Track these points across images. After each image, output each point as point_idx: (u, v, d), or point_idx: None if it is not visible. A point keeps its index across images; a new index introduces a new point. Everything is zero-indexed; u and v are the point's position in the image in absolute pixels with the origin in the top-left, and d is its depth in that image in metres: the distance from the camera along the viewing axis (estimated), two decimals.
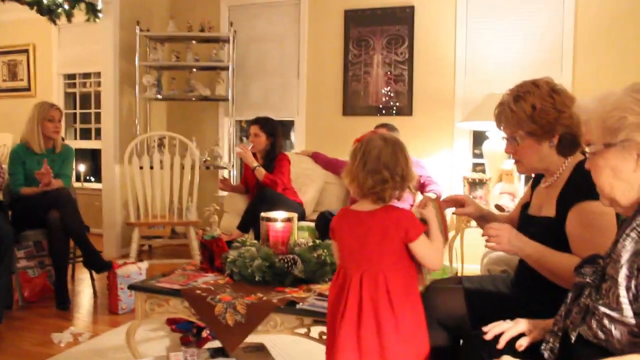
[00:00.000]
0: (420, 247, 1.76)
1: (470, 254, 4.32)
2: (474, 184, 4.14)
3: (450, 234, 4.20)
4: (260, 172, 4.27)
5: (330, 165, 4.79)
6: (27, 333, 3.21)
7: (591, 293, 1.37)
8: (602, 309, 1.31)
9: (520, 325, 1.56)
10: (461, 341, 1.91)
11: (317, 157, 4.89)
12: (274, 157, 4.38)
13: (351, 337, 1.71)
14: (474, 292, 1.97)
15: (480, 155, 4.63)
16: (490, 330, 1.57)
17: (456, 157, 4.89)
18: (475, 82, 4.81)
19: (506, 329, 1.55)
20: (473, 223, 4.08)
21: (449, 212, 3.33)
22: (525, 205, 2.06)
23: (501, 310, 1.75)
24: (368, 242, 1.75)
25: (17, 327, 3.30)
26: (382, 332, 1.69)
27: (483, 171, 4.39)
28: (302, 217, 4.29)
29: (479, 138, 4.84)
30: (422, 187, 4.19)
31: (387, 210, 1.78)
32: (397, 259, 1.75)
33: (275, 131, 4.42)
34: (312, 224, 4.07)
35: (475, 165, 4.92)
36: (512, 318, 1.60)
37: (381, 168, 1.75)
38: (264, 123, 4.42)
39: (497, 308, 1.84)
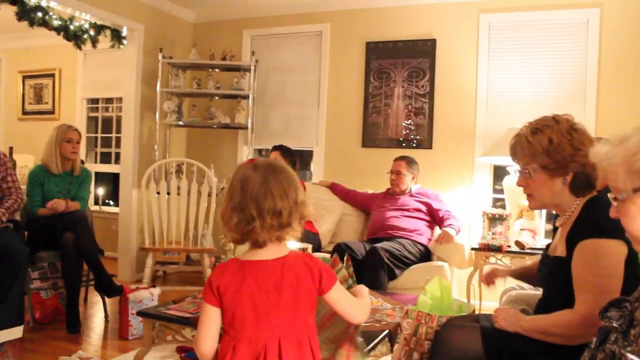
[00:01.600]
0: (338, 295, 1.49)
1: (489, 291, 4.22)
2: (493, 220, 4.07)
3: (467, 270, 4.12)
4: None
5: (348, 196, 4.76)
6: (36, 355, 3.18)
7: (618, 338, 1.30)
8: (631, 356, 1.24)
9: None
10: None
11: (335, 188, 4.86)
12: None
13: None
14: (492, 331, 1.90)
15: (501, 191, 4.57)
16: None
17: (476, 191, 4.83)
18: (496, 117, 4.77)
19: None
20: (492, 259, 4.02)
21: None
22: (549, 245, 2.05)
23: (520, 350, 1.70)
24: (282, 299, 1.42)
25: (26, 348, 3.27)
26: None
27: (503, 207, 4.32)
28: (317, 248, 4.26)
29: (499, 173, 4.78)
30: (441, 221, 4.14)
31: (297, 256, 1.48)
32: (313, 315, 1.47)
33: (295, 159, 4.42)
34: (328, 256, 4.01)
35: (495, 200, 4.85)
36: (528, 359, 1.54)
37: (247, 202, 1.41)
38: (286, 150, 4.44)
39: (516, 348, 1.77)
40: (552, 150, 1.80)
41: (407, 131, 5.07)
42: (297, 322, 1.43)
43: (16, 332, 2.54)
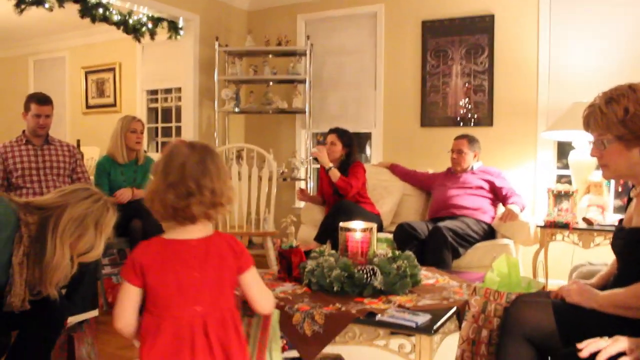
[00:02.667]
0: (252, 279, 1.56)
1: (555, 269, 4.14)
2: (559, 196, 3.97)
3: (533, 248, 4.04)
4: (335, 174, 4.26)
5: (408, 176, 4.73)
6: (111, 337, 3.30)
7: None
8: None
9: (620, 343, 1.46)
10: (549, 358, 1.82)
11: (394, 169, 4.84)
12: (348, 166, 4.37)
13: None
14: (565, 307, 1.85)
15: (566, 167, 4.44)
16: (586, 347, 1.48)
17: (540, 168, 4.70)
18: (559, 90, 4.62)
19: (604, 347, 1.46)
20: (559, 236, 3.92)
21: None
22: (621, 220, 1.99)
23: (594, 327, 1.66)
24: (206, 278, 1.47)
25: (101, 330, 3.40)
26: None
27: (569, 183, 4.20)
28: (379, 228, 4.22)
29: (563, 149, 4.64)
30: (504, 199, 4.07)
31: (220, 236, 1.54)
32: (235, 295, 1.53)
33: (352, 142, 4.42)
34: (390, 236, 4.00)
35: (559, 177, 4.72)
36: (606, 335, 1.50)
37: (185, 179, 1.47)
38: (342, 133, 4.43)
39: (590, 325, 1.72)
40: (628, 120, 1.73)
41: (467, 109, 4.99)
42: (221, 301, 1.48)
43: (92, 313, 2.65)
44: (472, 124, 4.95)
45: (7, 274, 1.91)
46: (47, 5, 4.61)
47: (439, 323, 2.04)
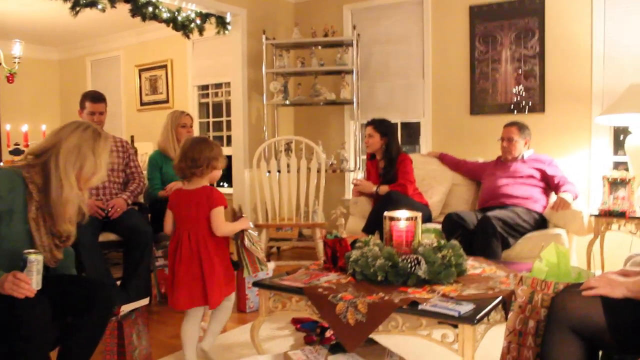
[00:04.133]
0: (216, 215, 2.63)
1: (611, 259, 4.00)
2: (614, 184, 3.82)
3: (587, 238, 3.91)
4: (384, 188, 4.30)
5: (458, 166, 4.67)
6: (162, 326, 3.39)
7: None
8: None
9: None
10: (600, 353, 1.77)
11: (444, 158, 4.79)
12: (393, 157, 4.37)
13: (185, 272, 2.60)
14: (615, 300, 1.77)
15: (623, 153, 4.27)
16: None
17: (594, 155, 4.54)
18: (614, 72, 4.43)
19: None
20: (614, 226, 3.79)
21: None
22: None
23: None
24: (191, 211, 2.64)
25: (154, 320, 3.51)
26: (204, 269, 2.59)
27: (626, 170, 4.04)
28: (428, 219, 4.24)
29: (620, 134, 4.47)
30: (556, 188, 3.96)
31: (204, 188, 2.67)
32: (209, 223, 2.63)
33: (389, 130, 4.41)
34: (439, 226, 3.97)
35: (616, 164, 4.53)
36: None
37: (184, 155, 2.68)
38: (378, 124, 4.42)
39: None
40: None
41: (518, 95, 4.86)
42: (199, 225, 2.63)
43: (143, 301, 2.73)
44: (523, 110, 4.82)
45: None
46: (100, 7, 4.74)
47: (482, 313, 2.01)
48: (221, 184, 7.01)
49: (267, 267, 2.94)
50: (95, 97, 3.75)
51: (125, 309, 2.63)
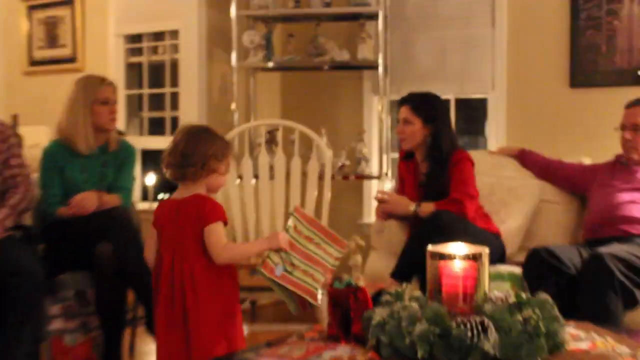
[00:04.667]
0: (208, 234, 2.83)
1: None
2: None
3: None
4: (428, 208, 4.22)
5: (548, 171, 4.68)
6: None
7: None
8: None
9: None
10: None
11: (526, 159, 4.81)
12: (443, 156, 4.35)
13: (164, 318, 2.87)
14: None
15: None
16: None
17: None
18: None
19: None
20: None
21: None
22: None
23: None
24: (177, 227, 2.90)
25: None
26: (187, 313, 2.80)
27: None
28: (501, 257, 4.24)
29: None
30: None
31: (194, 197, 2.90)
32: (199, 246, 2.86)
33: (437, 113, 4.39)
34: (517, 269, 3.99)
35: None
36: None
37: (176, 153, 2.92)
38: (419, 102, 4.40)
39: None
40: None
41: None
42: (183, 249, 2.86)
43: None
44: None
45: None
46: None
47: None
48: (160, 196, 6.96)
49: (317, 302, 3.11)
50: None
51: None
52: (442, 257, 2.58)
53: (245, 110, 5.80)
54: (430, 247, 2.64)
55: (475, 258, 2.57)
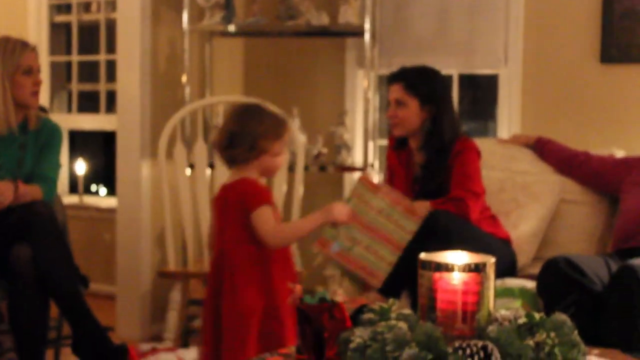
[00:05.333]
0: (256, 218, 3.11)
1: None
2: None
3: None
4: (424, 207, 4.20)
5: (572, 165, 4.70)
6: None
7: None
8: None
9: None
10: None
11: (544, 149, 4.85)
12: (443, 145, 4.38)
13: (204, 318, 3.35)
14: None
15: None
16: None
17: None
18: None
19: None
20: None
21: None
22: None
23: None
24: (221, 215, 3.31)
25: None
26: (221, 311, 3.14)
27: None
28: (510, 268, 4.28)
29: None
30: None
31: (240, 182, 3.21)
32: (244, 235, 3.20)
33: (437, 92, 4.43)
34: (530, 284, 4.02)
35: None
36: None
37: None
38: (414, 79, 4.43)
39: None
40: None
41: None
42: (224, 240, 3.23)
43: None
44: None
45: None
46: None
47: None
48: (93, 185, 6.96)
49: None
50: None
51: None
52: (438, 267, 2.54)
53: (199, 84, 5.85)
54: (423, 255, 2.61)
55: (478, 269, 2.54)
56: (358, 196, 3.33)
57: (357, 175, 5.56)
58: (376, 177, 5.33)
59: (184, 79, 5.56)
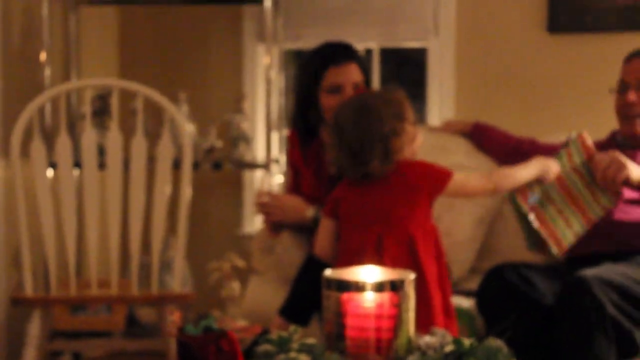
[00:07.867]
0: (457, 183, 3.41)
1: None
2: None
3: None
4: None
5: (511, 154, 4.69)
6: None
7: None
8: None
9: None
10: None
11: (482, 137, 4.95)
12: None
13: None
14: None
15: None
16: None
17: None
18: None
19: None
20: None
21: None
22: None
23: None
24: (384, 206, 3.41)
25: None
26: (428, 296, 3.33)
27: None
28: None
29: None
30: None
31: (403, 168, 3.35)
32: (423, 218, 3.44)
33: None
34: (467, 302, 4.15)
35: None
36: None
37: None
38: (364, 59, 4.57)
39: None
40: None
41: None
42: (401, 226, 3.39)
43: None
44: None
45: None
46: None
47: None
48: None
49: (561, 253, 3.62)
50: None
51: None
52: (346, 286, 2.61)
53: (62, 63, 5.88)
54: (327, 273, 2.68)
55: (395, 288, 2.61)
56: (569, 155, 3.56)
57: (259, 174, 5.54)
58: (279, 178, 5.48)
59: (42, 56, 5.46)
